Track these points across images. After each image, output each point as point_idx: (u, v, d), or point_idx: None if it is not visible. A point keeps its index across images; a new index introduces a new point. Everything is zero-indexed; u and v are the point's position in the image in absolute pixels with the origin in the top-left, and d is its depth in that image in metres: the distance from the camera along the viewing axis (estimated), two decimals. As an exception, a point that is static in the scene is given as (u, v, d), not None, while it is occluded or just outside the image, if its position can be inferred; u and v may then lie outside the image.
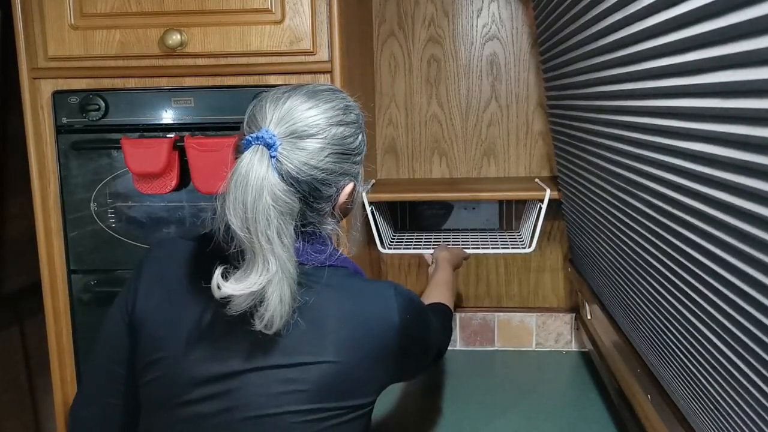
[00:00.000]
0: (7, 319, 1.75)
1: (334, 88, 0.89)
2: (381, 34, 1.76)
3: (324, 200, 0.85)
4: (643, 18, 0.75)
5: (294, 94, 0.83)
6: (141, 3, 1.26)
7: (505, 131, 1.77)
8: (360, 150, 0.89)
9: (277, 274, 0.76)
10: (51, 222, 1.34)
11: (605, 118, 1.01)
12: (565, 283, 1.82)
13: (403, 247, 1.66)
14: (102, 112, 1.28)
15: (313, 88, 0.86)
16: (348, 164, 0.86)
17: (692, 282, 0.77)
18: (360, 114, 0.90)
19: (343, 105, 0.86)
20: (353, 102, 0.90)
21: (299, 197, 0.81)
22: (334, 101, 0.85)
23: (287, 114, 0.81)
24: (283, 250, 0.77)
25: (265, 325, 0.77)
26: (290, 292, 0.77)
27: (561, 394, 1.56)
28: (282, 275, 0.76)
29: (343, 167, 0.85)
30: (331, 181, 0.84)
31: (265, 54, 1.26)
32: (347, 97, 0.89)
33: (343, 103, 0.87)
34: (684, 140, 0.70)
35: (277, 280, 0.76)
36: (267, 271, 0.76)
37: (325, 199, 0.85)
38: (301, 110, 0.82)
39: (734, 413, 0.73)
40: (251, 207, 0.75)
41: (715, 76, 0.60)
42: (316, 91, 0.85)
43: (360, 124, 0.90)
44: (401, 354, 0.87)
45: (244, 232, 0.76)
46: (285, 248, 0.77)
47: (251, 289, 0.75)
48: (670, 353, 0.93)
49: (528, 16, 1.71)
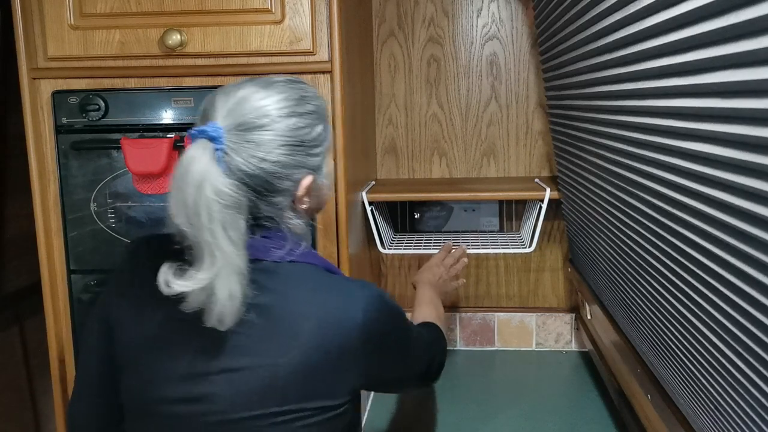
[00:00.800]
0: (7, 319, 1.75)
1: (292, 79, 0.86)
2: (381, 34, 1.76)
3: (279, 194, 0.83)
4: (642, 18, 0.75)
5: (245, 86, 0.82)
6: (141, 3, 1.26)
7: (505, 131, 1.77)
8: (318, 141, 0.86)
9: (224, 268, 0.75)
10: (51, 222, 1.34)
11: (605, 118, 1.01)
12: (565, 283, 1.82)
13: (403, 247, 1.66)
14: (102, 112, 1.28)
15: (267, 79, 0.84)
16: (303, 156, 0.83)
17: (692, 282, 0.77)
18: (320, 104, 0.87)
19: (298, 95, 0.84)
20: (312, 92, 0.87)
21: (250, 190, 0.80)
22: (287, 92, 0.83)
23: (236, 106, 0.80)
24: (229, 244, 0.75)
25: (217, 322, 0.76)
26: (240, 288, 0.76)
27: (561, 394, 1.56)
28: (230, 270, 0.75)
29: (298, 159, 0.83)
30: (283, 174, 0.82)
31: (264, 54, 1.26)
32: (305, 87, 0.86)
33: (299, 93, 0.84)
34: (684, 140, 0.70)
35: (225, 275, 0.75)
36: (213, 266, 0.75)
37: (281, 192, 0.83)
38: (250, 102, 0.80)
39: (734, 413, 0.73)
40: (192, 201, 0.74)
41: (715, 76, 0.60)
42: (269, 83, 0.83)
43: (319, 115, 0.86)
44: (367, 354, 0.83)
45: (188, 227, 0.75)
46: (232, 243, 0.76)
47: (199, 285, 0.75)
48: (671, 353, 0.93)
49: (528, 16, 1.71)
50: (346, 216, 1.29)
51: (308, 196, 0.87)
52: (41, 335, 1.38)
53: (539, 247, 1.80)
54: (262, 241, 0.84)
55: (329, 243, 1.29)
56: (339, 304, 0.83)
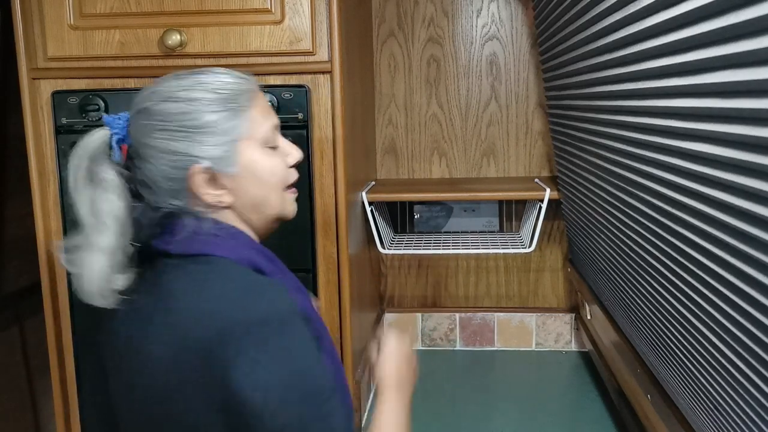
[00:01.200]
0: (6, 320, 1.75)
1: (207, 69, 0.84)
2: (381, 34, 1.76)
3: (167, 182, 0.81)
4: (642, 18, 0.75)
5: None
6: (140, 3, 1.26)
7: (505, 131, 1.77)
8: (208, 129, 0.80)
9: (90, 251, 0.77)
10: (51, 222, 1.34)
11: (605, 118, 1.01)
12: (564, 283, 1.82)
13: (403, 247, 1.66)
14: (102, 113, 1.28)
15: (188, 70, 0.85)
16: (188, 143, 0.79)
17: (692, 282, 0.77)
18: (222, 92, 0.81)
19: (192, 82, 0.81)
20: (217, 81, 0.82)
21: (135, 177, 0.82)
22: (183, 79, 0.81)
23: (140, 95, 0.83)
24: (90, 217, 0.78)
25: (86, 296, 0.78)
26: (99, 269, 0.77)
27: (561, 394, 1.56)
28: (94, 252, 0.77)
29: (178, 146, 0.79)
30: (162, 160, 0.80)
31: (264, 54, 1.26)
32: (215, 74, 0.83)
33: (195, 80, 0.81)
34: (684, 140, 0.70)
35: (87, 255, 0.77)
36: (80, 237, 0.78)
37: (169, 181, 0.80)
38: (145, 90, 0.83)
39: (734, 413, 0.73)
40: (72, 172, 0.79)
41: (715, 76, 0.60)
42: (180, 72, 0.84)
43: (214, 102, 0.80)
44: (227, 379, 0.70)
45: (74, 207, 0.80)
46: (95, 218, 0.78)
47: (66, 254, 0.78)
48: (670, 353, 0.93)
49: (528, 16, 1.71)
50: (345, 216, 1.29)
51: (214, 189, 0.82)
52: (41, 336, 1.38)
53: (539, 247, 1.80)
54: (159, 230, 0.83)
55: (329, 243, 1.29)
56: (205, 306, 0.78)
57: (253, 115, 0.84)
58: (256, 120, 0.84)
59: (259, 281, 0.79)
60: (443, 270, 1.84)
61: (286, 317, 0.75)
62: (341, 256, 1.30)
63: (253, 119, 0.84)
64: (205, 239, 0.81)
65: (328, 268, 1.30)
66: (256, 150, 0.84)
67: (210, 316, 0.74)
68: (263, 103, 0.87)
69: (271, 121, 0.86)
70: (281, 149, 0.88)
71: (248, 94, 0.84)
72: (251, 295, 0.76)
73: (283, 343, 0.74)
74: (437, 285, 1.85)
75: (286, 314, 0.76)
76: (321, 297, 1.31)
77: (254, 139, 0.84)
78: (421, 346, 1.85)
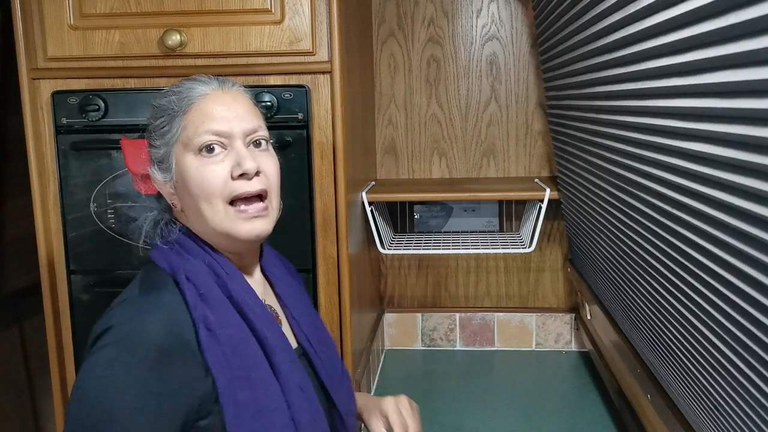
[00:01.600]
0: (6, 320, 1.75)
1: (185, 78, 0.86)
2: (380, 35, 1.76)
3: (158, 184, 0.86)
4: (642, 18, 0.75)
5: None
6: (140, 3, 1.26)
7: (505, 131, 1.77)
8: (155, 132, 0.83)
9: None
10: (51, 222, 1.34)
11: (605, 118, 1.01)
12: (564, 283, 1.82)
13: (403, 247, 1.66)
14: (101, 113, 1.28)
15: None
16: (148, 146, 0.86)
17: (692, 282, 0.77)
18: (169, 96, 0.83)
19: (166, 89, 0.85)
20: (170, 89, 0.84)
21: None
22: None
23: None
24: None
25: None
26: None
27: (561, 395, 1.55)
28: None
29: (149, 149, 0.86)
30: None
31: (264, 54, 1.26)
32: (183, 80, 0.85)
33: (168, 88, 0.85)
34: (684, 140, 0.70)
35: None
36: None
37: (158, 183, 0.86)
38: None
39: (734, 413, 0.73)
40: None
41: (715, 76, 0.60)
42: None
43: (162, 104, 0.83)
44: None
45: None
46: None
47: None
48: (670, 353, 0.93)
49: (528, 16, 1.71)
50: (345, 216, 1.29)
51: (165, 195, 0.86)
52: (41, 335, 1.38)
53: (539, 247, 1.80)
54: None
55: (329, 243, 1.29)
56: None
57: (190, 119, 0.80)
58: (192, 124, 0.80)
59: (142, 299, 0.77)
60: (443, 270, 1.84)
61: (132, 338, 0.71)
62: (341, 256, 1.30)
63: (189, 123, 0.80)
64: (158, 245, 0.84)
65: (328, 268, 1.30)
66: (188, 156, 0.80)
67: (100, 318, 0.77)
68: (211, 108, 0.81)
69: (212, 126, 0.79)
70: (234, 158, 0.80)
71: (193, 99, 0.81)
72: (127, 309, 0.75)
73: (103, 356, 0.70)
74: (437, 285, 1.85)
75: (133, 334, 0.71)
76: (321, 297, 1.31)
77: (185, 144, 0.81)
78: (421, 346, 1.85)
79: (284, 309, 0.93)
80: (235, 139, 0.80)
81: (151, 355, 0.70)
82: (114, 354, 0.70)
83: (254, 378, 0.78)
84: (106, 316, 0.76)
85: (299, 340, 0.92)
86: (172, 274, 0.80)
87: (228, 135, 0.80)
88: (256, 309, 0.82)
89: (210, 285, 0.80)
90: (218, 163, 0.80)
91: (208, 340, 0.75)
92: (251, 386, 0.77)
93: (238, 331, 0.79)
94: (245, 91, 0.87)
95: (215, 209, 0.80)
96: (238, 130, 0.81)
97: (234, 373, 0.75)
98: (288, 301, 0.94)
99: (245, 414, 0.75)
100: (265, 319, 0.83)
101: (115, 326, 0.72)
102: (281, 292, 0.94)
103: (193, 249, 0.82)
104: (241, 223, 0.81)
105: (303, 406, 0.81)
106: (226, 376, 0.75)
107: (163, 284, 0.78)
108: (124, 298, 0.78)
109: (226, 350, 0.76)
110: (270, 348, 0.81)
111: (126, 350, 0.70)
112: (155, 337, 0.71)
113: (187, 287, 0.78)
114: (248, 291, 0.84)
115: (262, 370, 0.79)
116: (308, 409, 0.82)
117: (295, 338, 0.92)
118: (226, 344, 0.76)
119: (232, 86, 0.85)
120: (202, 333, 0.75)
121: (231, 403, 0.74)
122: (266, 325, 0.82)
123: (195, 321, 0.75)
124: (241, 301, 0.81)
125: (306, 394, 0.83)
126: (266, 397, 0.78)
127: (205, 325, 0.75)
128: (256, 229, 0.81)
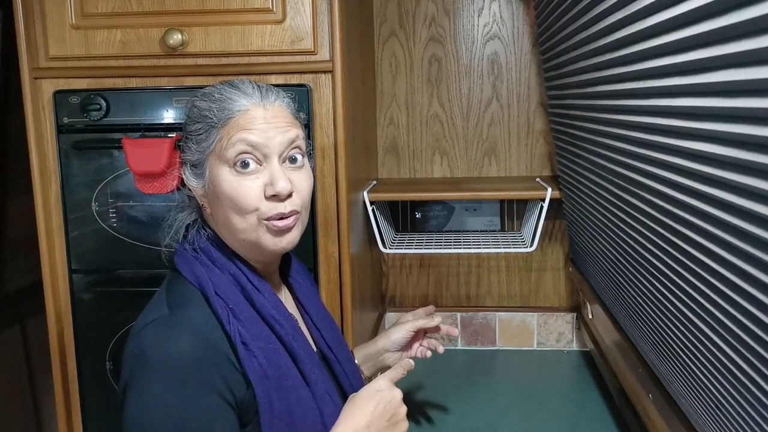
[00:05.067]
0: (8, 319, 1.75)
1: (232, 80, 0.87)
2: (382, 34, 1.76)
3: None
4: (643, 17, 0.75)
5: None
6: (142, 3, 1.26)
7: (506, 131, 1.77)
8: (191, 136, 0.85)
9: None
10: (52, 222, 1.34)
11: (606, 117, 1.01)
12: (566, 282, 1.82)
13: (404, 246, 1.66)
14: (103, 112, 1.28)
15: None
16: (183, 143, 0.87)
17: (693, 281, 0.77)
18: (199, 106, 0.85)
19: (209, 89, 0.86)
20: (218, 92, 0.84)
21: None
22: (209, 87, 0.88)
23: None
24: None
25: None
26: None
27: (562, 394, 1.55)
28: None
29: (183, 146, 0.87)
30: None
31: (266, 54, 1.26)
32: (223, 85, 0.86)
33: (209, 88, 0.86)
34: (685, 139, 0.70)
35: None
36: None
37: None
38: None
39: (735, 412, 0.73)
40: None
41: (716, 75, 0.60)
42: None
43: (202, 110, 0.84)
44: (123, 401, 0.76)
45: None
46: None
47: None
48: (672, 352, 0.93)
49: (529, 16, 1.71)
50: (347, 215, 1.29)
51: (197, 196, 0.87)
52: (43, 335, 1.38)
53: (540, 247, 1.80)
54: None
55: (330, 242, 1.29)
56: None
57: (227, 132, 0.81)
58: (228, 138, 0.81)
59: (172, 319, 0.77)
60: (444, 269, 1.84)
61: (168, 363, 0.73)
62: (343, 256, 1.30)
63: (224, 136, 0.81)
64: (182, 251, 0.85)
65: (330, 267, 1.30)
66: (223, 169, 0.81)
67: (130, 339, 0.78)
68: (250, 123, 0.81)
69: (248, 136, 0.80)
70: (268, 176, 0.81)
71: (233, 112, 0.81)
72: (157, 331, 0.76)
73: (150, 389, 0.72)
74: (438, 284, 1.85)
75: (168, 359, 0.73)
76: (322, 296, 1.31)
77: (219, 155, 0.81)
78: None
79: (304, 316, 0.96)
80: (271, 156, 0.81)
81: (194, 372, 0.73)
82: (161, 383, 0.72)
83: (287, 386, 0.80)
84: (137, 337, 0.76)
85: (319, 346, 0.94)
86: (200, 288, 0.81)
87: (263, 148, 0.80)
88: (283, 321, 0.84)
89: (238, 299, 0.81)
90: (252, 180, 0.81)
91: (245, 353, 0.77)
92: (286, 395, 0.79)
93: (267, 342, 0.81)
94: (288, 104, 0.86)
95: (247, 222, 0.81)
96: (275, 144, 0.81)
97: (271, 383, 0.78)
98: (309, 308, 0.97)
99: (280, 423, 0.78)
100: (291, 329, 0.85)
101: (150, 352, 0.74)
102: (303, 298, 0.97)
103: (219, 259, 0.83)
104: (270, 236, 0.82)
105: (332, 411, 0.83)
106: (264, 386, 0.77)
107: (192, 300, 0.80)
108: (154, 318, 0.77)
109: (262, 362, 0.78)
110: (299, 357, 0.83)
111: (170, 373, 0.72)
112: (195, 355, 0.73)
113: (218, 303, 0.79)
114: (274, 302, 0.86)
115: (294, 379, 0.82)
116: (336, 414, 0.83)
117: (314, 344, 0.94)
118: (261, 356, 0.79)
119: (274, 101, 0.83)
120: (239, 347, 0.77)
121: (268, 412, 0.77)
122: (293, 335, 0.84)
123: (230, 336, 0.77)
124: (267, 313, 0.83)
125: (333, 400, 0.85)
126: (299, 406, 0.80)
127: (240, 338, 0.78)
128: (284, 241, 0.83)
